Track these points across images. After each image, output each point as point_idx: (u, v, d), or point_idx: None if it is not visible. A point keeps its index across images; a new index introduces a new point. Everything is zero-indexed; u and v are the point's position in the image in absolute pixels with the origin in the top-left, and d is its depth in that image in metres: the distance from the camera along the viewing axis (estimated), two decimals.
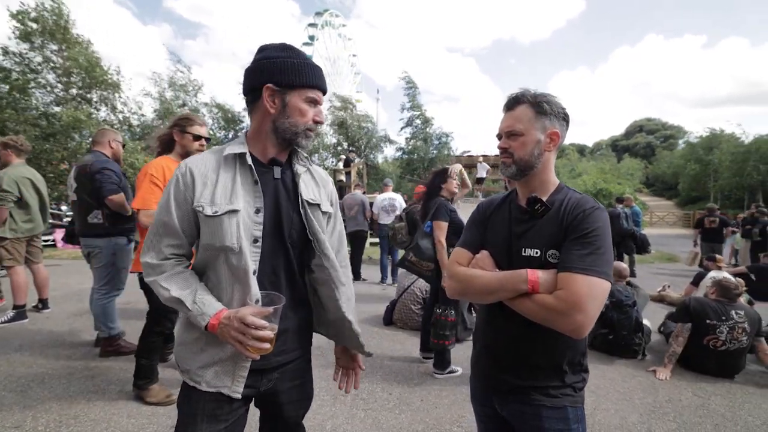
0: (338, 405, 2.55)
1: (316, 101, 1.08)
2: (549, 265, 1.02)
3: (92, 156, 3.10)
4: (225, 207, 1.01)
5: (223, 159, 1.06)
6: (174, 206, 1.03)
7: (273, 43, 1.10)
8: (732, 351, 3.04)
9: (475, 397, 1.26)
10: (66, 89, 13.38)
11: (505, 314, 1.08)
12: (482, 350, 1.20)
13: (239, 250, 1.01)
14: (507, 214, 1.18)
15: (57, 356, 3.14)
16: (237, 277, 1.02)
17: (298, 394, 1.21)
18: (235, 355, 1.03)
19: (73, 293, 5.23)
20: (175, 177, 1.04)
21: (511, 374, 1.10)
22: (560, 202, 1.08)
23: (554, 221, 1.06)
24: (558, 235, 1.03)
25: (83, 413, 2.35)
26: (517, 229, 1.12)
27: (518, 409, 1.10)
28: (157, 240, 1.05)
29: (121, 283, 3.22)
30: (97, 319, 3.12)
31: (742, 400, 2.81)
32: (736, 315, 3.05)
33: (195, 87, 19.59)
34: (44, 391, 2.59)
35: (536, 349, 1.07)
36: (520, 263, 1.07)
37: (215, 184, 1.03)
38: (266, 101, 1.04)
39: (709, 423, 2.50)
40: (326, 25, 34.72)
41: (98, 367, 2.98)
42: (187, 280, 1.03)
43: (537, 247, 1.05)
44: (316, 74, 1.07)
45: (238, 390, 1.04)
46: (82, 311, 4.29)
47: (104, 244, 3.05)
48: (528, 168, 1.10)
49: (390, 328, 4.24)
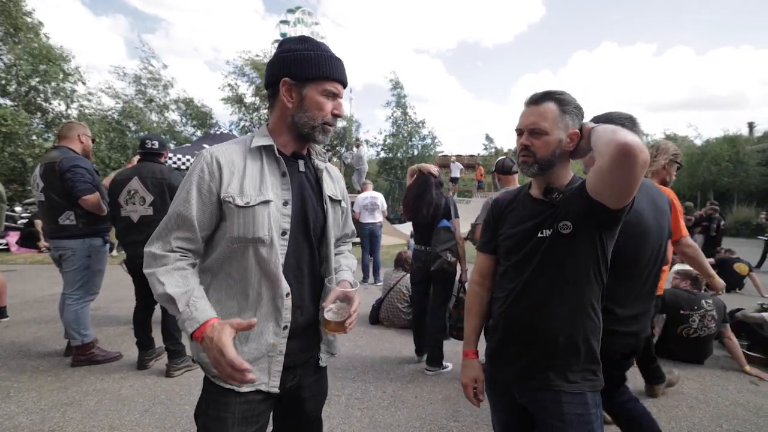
0: (333, 405, 2.51)
1: (336, 94, 1.05)
2: (560, 238, 1.07)
3: (59, 152, 2.88)
4: (257, 198, 0.99)
5: (248, 150, 1.04)
6: (196, 196, 0.98)
7: (292, 36, 1.09)
8: (703, 338, 3.25)
9: (493, 387, 1.27)
10: (8, 82, 12.27)
11: (523, 289, 1.13)
12: (501, 336, 1.21)
13: (270, 241, 0.99)
14: (522, 207, 1.21)
15: (22, 368, 2.91)
16: (266, 270, 1.00)
17: (317, 388, 1.22)
18: (270, 350, 1.02)
19: (33, 300, 4.86)
20: (200, 166, 0.99)
21: (529, 355, 1.12)
22: (577, 185, 1.11)
23: (574, 199, 1.07)
24: (579, 211, 1.05)
25: (59, 427, 2.19)
26: (532, 220, 1.14)
27: (538, 396, 1.11)
28: (167, 231, 0.99)
29: (95, 287, 3.03)
30: (69, 326, 2.91)
31: (711, 383, 3.01)
32: (706, 304, 3.26)
33: (166, 83, 18.75)
34: (12, 406, 2.39)
35: (554, 320, 1.09)
36: (535, 245, 1.11)
37: (243, 175, 1.00)
38: (283, 95, 1.03)
39: (685, 405, 2.66)
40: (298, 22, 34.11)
41: (71, 377, 2.78)
42: (186, 279, 0.96)
43: (550, 227, 1.09)
44: (334, 66, 1.04)
45: (276, 385, 1.03)
46: (46, 318, 4.00)
47: (78, 245, 2.85)
48: (549, 167, 1.12)
49: (377, 327, 4.23)
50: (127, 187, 2.77)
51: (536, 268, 1.11)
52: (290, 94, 1.03)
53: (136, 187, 2.77)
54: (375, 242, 6.49)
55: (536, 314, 1.12)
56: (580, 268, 1.09)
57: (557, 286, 1.10)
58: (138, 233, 2.73)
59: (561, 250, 1.09)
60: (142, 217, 2.77)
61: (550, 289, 1.10)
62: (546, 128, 1.08)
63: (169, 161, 7.80)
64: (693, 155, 20.56)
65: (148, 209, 2.77)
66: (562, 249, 1.08)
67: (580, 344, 1.09)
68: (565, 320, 1.09)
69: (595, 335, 1.12)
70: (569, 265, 1.09)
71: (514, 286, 1.16)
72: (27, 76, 12.45)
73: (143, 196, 2.76)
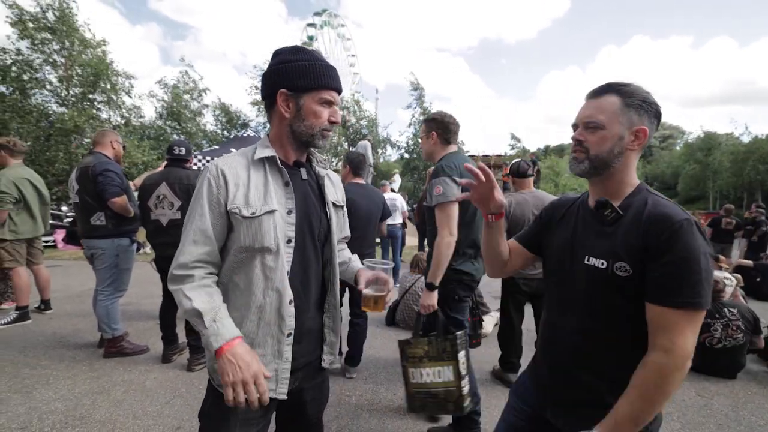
0: (343, 406, 2.56)
1: (331, 102, 1.08)
2: (615, 279, 0.92)
3: (94, 158, 3.10)
4: (262, 208, 1.02)
5: (252, 162, 1.07)
6: (208, 210, 1.02)
7: (286, 47, 1.10)
8: (729, 348, 3.06)
9: (520, 394, 1.20)
10: (67, 89, 13.37)
11: (565, 318, 1.04)
12: (544, 358, 1.13)
13: (276, 250, 1.03)
14: (576, 217, 1.08)
15: (61, 357, 3.15)
16: (270, 278, 1.03)
17: (318, 392, 1.25)
18: (277, 358, 1.06)
19: (75, 294, 5.23)
20: (207, 179, 1.03)
21: (568, 388, 1.03)
22: (638, 209, 0.94)
23: (631, 231, 0.92)
24: (635, 248, 0.90)
25: (89, 414, 2.35)
26: (582, 234, 1.02)
27: (576, 424, 1.00)
28: (189, 248, 1.01)
29: (124, 284, 3.23)
30: (101, 321, 3.12)
31: (744, 399, 2.82)
32: (729, 312, 3.08)
33: (201, 90, 20.00)
34: (49, 392, 2.59)
35: (599, 363, 0.98)
36: (580, 272, 0.99)
37: (248, 186, 1.04)
38: (281, 106, 1.06)
39: (713, 423, 2.51)
40: (325, 25, 34.70)
41: (102, 367, 2.98)
42: (212, 296, 1.00)
43: (603, 258, 0.94)
44: (329, 75, 1.06)
45: (284, 391, 1.07)
46: (85, 312, 4.29)
47: (107, 245, 3.05)
48: (603, 166, 0.97)
49: (392, 328, 4.24)
50: (156, 192, 2.94)
51: (581, 301, 0.99)
52: (287, 104, 1.05)
53: (164, 192, 2.93)
54: (395, 244, 6.50)
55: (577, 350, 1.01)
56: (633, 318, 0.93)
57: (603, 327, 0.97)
58: (166, 235, 2.90)
59: (612, 292, 0.94)
60: (171, 221, 2.92)
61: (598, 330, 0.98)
62: (602, 121, 0.95)
63: (198, 164, 8.16)
64: (738, 153, 19.21)
65: (176, 213, 2.92)
66: (614, 290, 0.93)
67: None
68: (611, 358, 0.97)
69: None
70: (619, 311, 0.94)
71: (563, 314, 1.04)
72: (84, 86, 13.60)
73: (171, 201, 2.92)
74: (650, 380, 0.86)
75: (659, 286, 0.87)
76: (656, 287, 0.88)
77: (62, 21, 12.70)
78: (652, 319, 0.89)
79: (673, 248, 0.86)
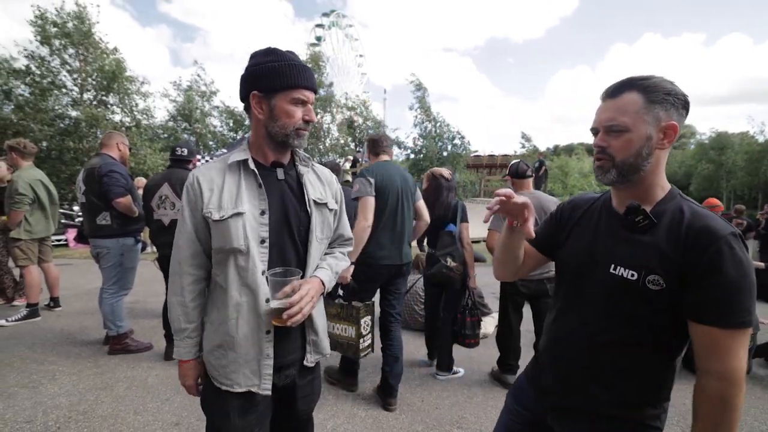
0: (339, 404, 2.58)
1: (304, 101, 1.09)
2: (646, 292, 0.85)
3: (100, 159, 3.18)
4: (231, 211, 1.05)
5: (227, 167, 1.10)
6: (189, 216, 1.09)
7: (260, 50, 1.11)
8: None
9: (518, 397, 1.17)
10: (81, 92, 13.76)
11: (579, 327, 0.98)
12: (550, 364, 1.07)
13: (247, 251, 1.06)
14: (597, 220, 1.00)
15: (68, 354, 3.23)
16: (244, 277, 1.07)
17: (310, 388, 1.28)
18: (258, 355, 1.09)
19: (83, 292, 5.35)
20: (185, 188, 1.10)
21: (575, 398, 0.99)
22: (674, 218, 0.87)
23: (668, 242, 0.85)
24: (672, 262, 0.83)
25: (91, 409, 2.42)
26: (608, 241, 0.94)
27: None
28: (177, 252, 1.12)
29: (129, 282, 3.30)
30: (106, 318, 3.20)
31: (748, 404, 2.77)
32: None
33: (210, 92, 20.33)
34: (55, 388, 2.67)
35: (612, 377, 0.93)
36: (606, 282, 0.92)
37: (221, 191, 1.07)
38: (254, 108, 1.08)
39: None
40: (333, 25, 34.87)
41: (107, 364, 3.05)
42: (187, 315, 1.13)
43: (634, 269, 0.87)
44: (299, 74, 1.07)
45: (267, 387, 1.11)
46: (93, 310, 4.38)
47: (112, 244, 3.12)
48: (633, 172, 0.89)
49: None
50: (159, 192, 3.00)
51: (600, 311, 0.94)
52: (260, 106, 1.07)
53: (166, 193, 2.99)
54: None
55: (591, 366, 0.96)
56: (659, 334, 0.88)
57: (621, 344, 0.92)
58: (169, 235, 2.93)
59: (642, 304, 0.87)
60: (173, 221, 2.97)
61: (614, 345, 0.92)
62: (626, 124, 0.86)
63: None
64: (753, 152, 18.76)
65: (177, 213, 2.97)
66: (644, 303, 0.87)
67: (641, 401, 0.93)
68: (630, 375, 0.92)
69: (666, 385, 0.94)
70: (646, 322, 0.88)
71: (577, 323, 0.99)
72: (98, 90, 14.06)
73: (173, 202, 2.98)
74: (717, 410, 0.81)
75: (708, 307, 0.81)
76: (704, 308, 0.81)
77: (79, 30, 13.12)
78: (700, 340, 0.83)
79: (722, 268, 0.79)
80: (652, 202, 0.91)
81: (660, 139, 0.88)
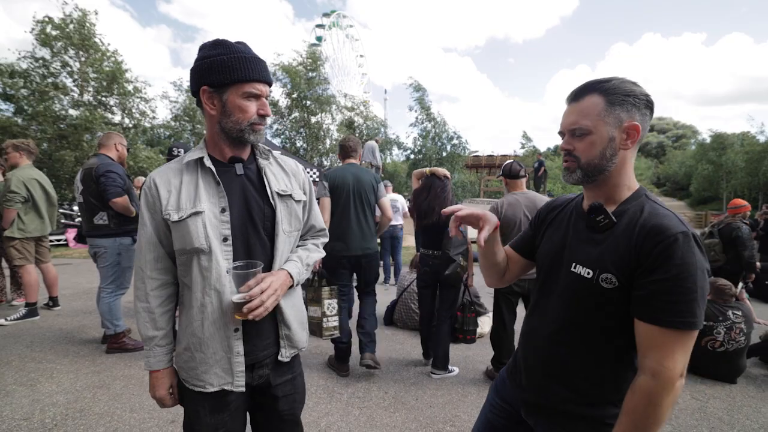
0: (334, 402, 2.60)
1: (257, 95, 1.04)
2: (599, 290, 0.88)
3: (98, 159, 3.20)
4: (189, 210, 1.03)
5: (184, 166, 1.08)
6: (149, 219, 1.07)
7: (208, 42, 1.06)
8: (731, 352, 3.01)
9: (500, 390, 1.19)
10: (81, 93, 13.82)
11: (543, 325, 1.01)
12: (520, 358, 1.11)
13: (209, 250, 1.03)
14: (568, 220, 1.03)
15: (66, 352, 3.25)
16: (207, 278, 1.05)
17: (291, 387, 1.23)
18: (228, 353, 1.08)
19: (82, 291, 5.38)
20: (143, 192, 1.08)
21: (538, 393, 1.02)
22: (633, 217, 0.88)
23: (622, 241, 0.86)
24: (624, 259, 0.85)
25: (88, 407, 2.44)
26: (573, 240, 0.98)
27: (546, 428, 1.03)
28: (140, 262, 1.09)
29: (126, 281, 3.32)
30: (104, 317, 3.22)
31: (741, 403, 2.79)
32: (733, 315, 3.03)
33: None
34: (52, 386, 2.69)
35: (570, 374, 0.96)
36: (566, 280, 0.95)
37: (179, 191, 1.05)
38: (206, 104, 1.04)
39: (705, 426, 2.49)
40: (334, 25, 34.91)
41: (104, 363, 3.08)
42: (154, 322, 1.09)
43: (590, 267, 0.90)
44: (250, 67, 1.02)
45: (240, 384, 1.10)
46: (91, 309, 4.41)
47: (109, 244, 3.15)
48: (597, 172, 0.92)
49: (390, 328, 4.28)
50: None
51: (561, 309, 0.97)
52: (212, 101, 1.04)
53: None
54: (396, 244, 6.54)
55: (552, 360, 0.99)
56: (613, 330, 0.90)
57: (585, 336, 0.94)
58: None
59: (596, 303, 0.90)
60: None
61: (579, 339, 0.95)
62: (588, 127, 0.89)
63: None
64: (753, 152, 18.74)
65: None
66: (598, 301, 0.89)
67: (601, 400, 0.94)
68: (586, 373, 0.94)
69: (622, 385, 0.93)
70: (599, 321, 0.91)
71: (542, 319, 1.03)
72: (98, 91, 14.13)
73: None
74: (640, 406, 0.81)
75: (650, 304, 0.82)
76: (646, 304, 0.82)
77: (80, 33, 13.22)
78: (640, 337, 0.84)
79: (667, 264, 0.80)
80: (617, 202, 0.94)
81: (623, 139, 0.90)
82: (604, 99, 0.89)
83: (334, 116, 21.05)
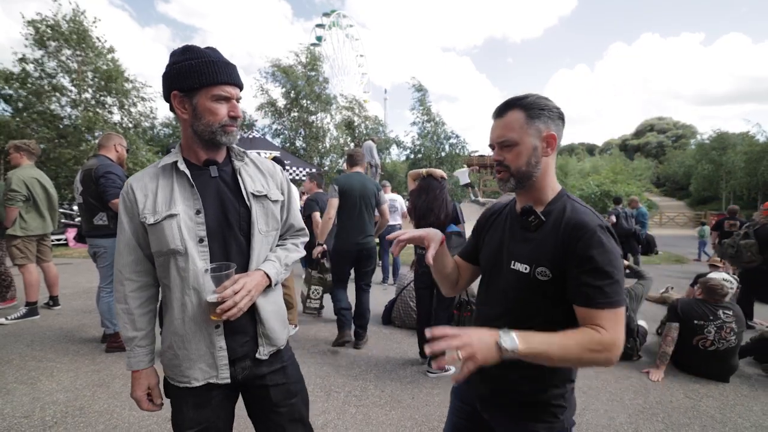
0: (331, 401, 2.63)
1: (227, 97, 1.07)
2: (537, 282, 0.97)
3: (97, 160, 3.23)
4: (164, 213, 1.07)
5: (160, 170, 1.12)
6: (127, 223, 1.11)
7: (177, 48, 1.10)
8: (722, 351, 3.05)
9: (459, 393, 1.26)
10: (79, 93, 13.82)
11: (489, 321, 1.04)
12: None
13: (185, 251, 1.07)
14: (504, 223, 1.13)
15: (66, 351, 3.28)
16: (185, 278, 1.08)
17: (281, 376, 1.23)
18: (211, 348, 1.11)
19: (82, 291, 5.41)
20: (121, 197, 1.12)
21: (492, 384, 1.07)
22: (558, 215, 1.00)
23: (551, 237, 0.98)
24: (554, 253, 0.96)
25: (88, 405, 2.47)
26: (510, 241, 1.07)
27: (500, 419, 1.10)
28: (118, 258, 1.12)
29: None
30: (103, 316, 3.26)
31: (734, 402, 2.82)
32: (724, 315, 3.06)
33: None
34: (53, 384, 2.72)
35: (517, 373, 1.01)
36: (507, 277, 1.04)
37: (155, 195, 1.09)
38: (177, 108, 1.08)
39: (697, 424, 2.52)
40: (334, 25, 34.90)
41: (104, 361, 3.11)
42: (134, 323, 1.13)
43: (527, 263, 1.00)
44: (218, 70, 1.05)
45: (225, 377, 1.13)
46: (91, 308, 4.44)
47: (109, 244, 3.17)
48: (526, 178, 1.02)
49: (388, 327, 4.31)
50: None
51: (506, 305, 1.04)
52: (183, 106, 1.07)
53: None
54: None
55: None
56: (555, 318, 0.98)
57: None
58: None
59: (536, 295, 0.99)
60: None
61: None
62: (514, 138, 1.00)
63: None
64: (753, 152, 18.76)
65: None
66: (538, 294, 0.98)
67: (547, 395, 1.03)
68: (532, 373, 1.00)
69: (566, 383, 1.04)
70: (543, 313, 0.99)
71: (492, 312, 1.09)
72: (97, 90, 14.13)
73: None
74: (579, 340, 0.88)
75: (582, 291, 0.92)
76: (579, 292, 0.93)
77: (75, 31, 13.16)
78: (582, 320, 0.93)
79: (590, 255, 0.91)
80: (544, 203, 1.04)
81: (544, 147, 1.01)
82: (524, 113, 1.00)
83: (333, 116, 21.09)
